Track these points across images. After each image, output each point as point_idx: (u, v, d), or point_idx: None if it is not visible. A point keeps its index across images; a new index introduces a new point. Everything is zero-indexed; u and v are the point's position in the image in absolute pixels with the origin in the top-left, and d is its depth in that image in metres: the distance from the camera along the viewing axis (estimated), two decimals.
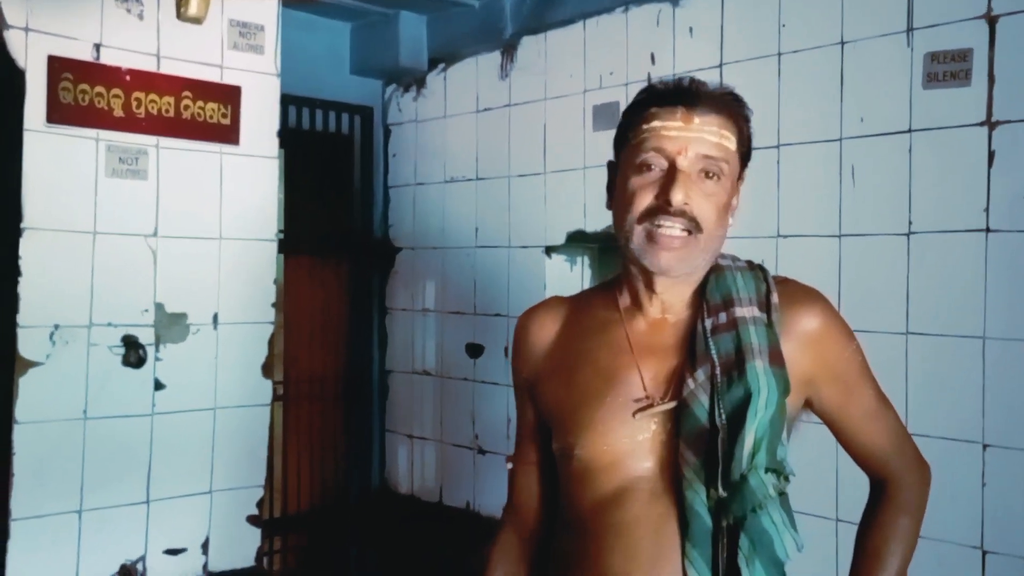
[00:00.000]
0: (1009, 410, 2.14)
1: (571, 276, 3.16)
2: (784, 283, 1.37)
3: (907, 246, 2.31)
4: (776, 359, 1.28)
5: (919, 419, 2.27)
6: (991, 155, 2.17)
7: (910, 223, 2.31)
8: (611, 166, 1.41)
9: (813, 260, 2.46)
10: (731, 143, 1.30)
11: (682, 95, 1.30)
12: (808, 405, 1.38)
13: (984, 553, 2.18)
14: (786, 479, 1.29)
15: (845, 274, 2.42)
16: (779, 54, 2.57)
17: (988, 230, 2.18)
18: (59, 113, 2.26)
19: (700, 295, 1.36)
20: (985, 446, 2.18)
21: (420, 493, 3.70)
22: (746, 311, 1.31)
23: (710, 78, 2.66)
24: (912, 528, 1.41)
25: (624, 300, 1.40)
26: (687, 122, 1.28)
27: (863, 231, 2.39)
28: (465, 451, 3.49)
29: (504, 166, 3.36)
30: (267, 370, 2.66)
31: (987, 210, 2.18)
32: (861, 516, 1.46)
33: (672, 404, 1.29)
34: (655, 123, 1.29)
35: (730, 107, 1.32)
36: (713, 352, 1.30)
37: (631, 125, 1.34)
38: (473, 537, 3.42)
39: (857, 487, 1.50)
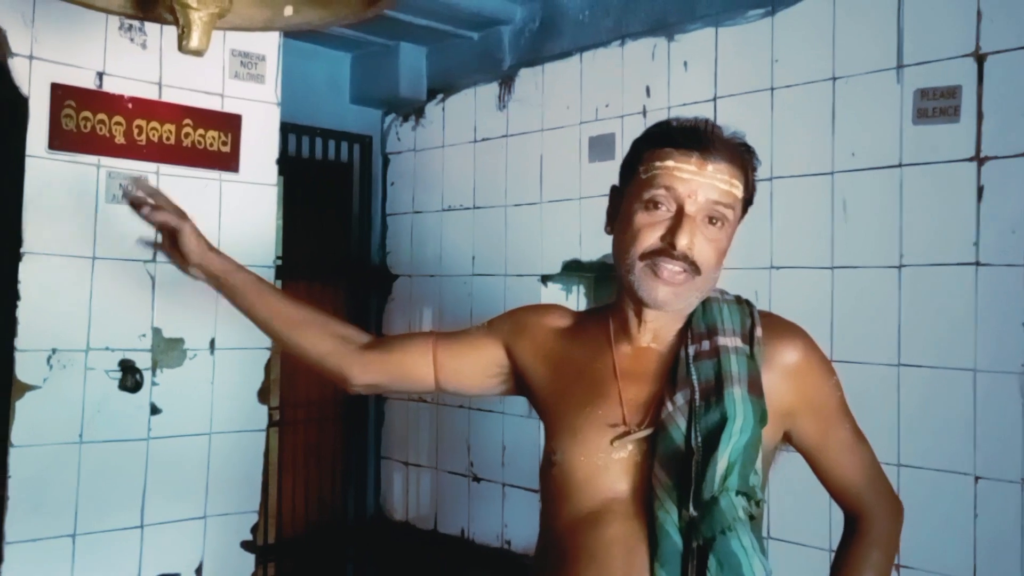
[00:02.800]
0: (1000, 442, 2.15)
1: (566, 305, 3.18)
2: (768, 317, 1.41)
3: (899, 279, 2.34)
4: (755, 388, 1.31)
5: (911, 451, 2.28)
6: (980, 190, 2.20)
7: (901, 256, 2.33)
8: (614, 192, 1.45)
9: (806, 292, 2.49)
10: (739, 191, 1.34)
11: (698, 139, 1.32)
12: (787, 438, 1.40)
13: None
14: (757, 504, 1.30)
15: (838, 306, 2.44)
16: (772, 88, 2.60)
17: (978, 263, 2.21)
18: (61, 140, 2.28)
19: (686, 325, 1.40)
20: (977, 478, 2.19)
21: (415, 520, 3.70)
22: (729, 340, 1.35)
23: (704, 111, 2.73)
24: (884, 562, 1.44)
25: (615, 326, 1.43)
26: (700, 168, 1.31)
27: (855, 263, 2.42)
28: (460, 478, 3.49)
29: (501, 195, 3.39)
30: (263, 395, 2.66)
31: (977, 244, 2.21)
32: (836, 549, 1.49)
33: (647, 432, 1.33)
34: (669, 162, 1.32)
35: (742, 156, 1.36)
36: (694, 377, 1.33)
37: (643, 158, 1.37)
38: (468, 564, 3.41)
39: None
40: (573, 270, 3.16)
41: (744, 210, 1.40)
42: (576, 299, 3.22)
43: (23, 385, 2.24)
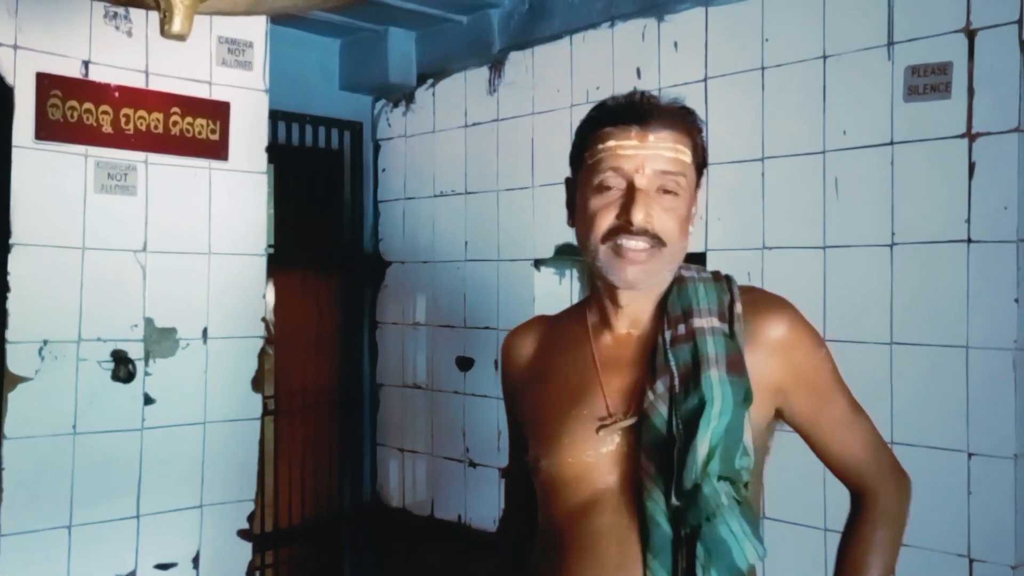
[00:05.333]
0: (993, 419, 2.16)
1: (560, 289, 3.18)
2: (750, 292, 1.37)
3: (890, 257, 2.33)
4: (735, 368, 1.28)
5: (904, 428, 2.29)
6: (971, 166, 2.20)
7: (893, 234, 2.33)
8: (569, 184, 1.42)
9: (798, 271, 2.48)
10: (686, 156, 1.32)
11: (635, 113, 1.30)
12: (780, 415, 1.37)
13: (971, 561, 2.19)
14: (745, 487, 1.28)
15: (830, 285, 2.44)
16: (763, 68, 2.59)
17: (970, 240, 2.21)
18: (48, 130, 2.27)
19: (663, 307, 1.37)
20: (970, 455, 2.20)
21: (411, 506, 3.70)
22: (704, 321, 1.32)
23: (695, 92, 2.72)
24: (891, 540, 1.39)
25: (592, 317, 1.42)
26: (642, 140, 1.29)
27: (847, 242, 2.41)
28: (456, 464, 3.50)
29: (493, 180, 3.37)
30: (257, 384, 2.66)
31: (968, 221, 2.20)
32: (843, 529, 1.46)
33: (633, 420, 1.31)
34: (610, 142, 1.30)
35: (683, 120, 1.33)
36: (672, 363, 1.30)
37: (585, 144, 1.35)
38: (464, 550, 3.42)
39: (844, 497, 1.50)
40: (566, 254, 3.15)
41: (699, 175, 1.36)
42: (569, 283, 3.22)
43: (15, 377, 2.23)
